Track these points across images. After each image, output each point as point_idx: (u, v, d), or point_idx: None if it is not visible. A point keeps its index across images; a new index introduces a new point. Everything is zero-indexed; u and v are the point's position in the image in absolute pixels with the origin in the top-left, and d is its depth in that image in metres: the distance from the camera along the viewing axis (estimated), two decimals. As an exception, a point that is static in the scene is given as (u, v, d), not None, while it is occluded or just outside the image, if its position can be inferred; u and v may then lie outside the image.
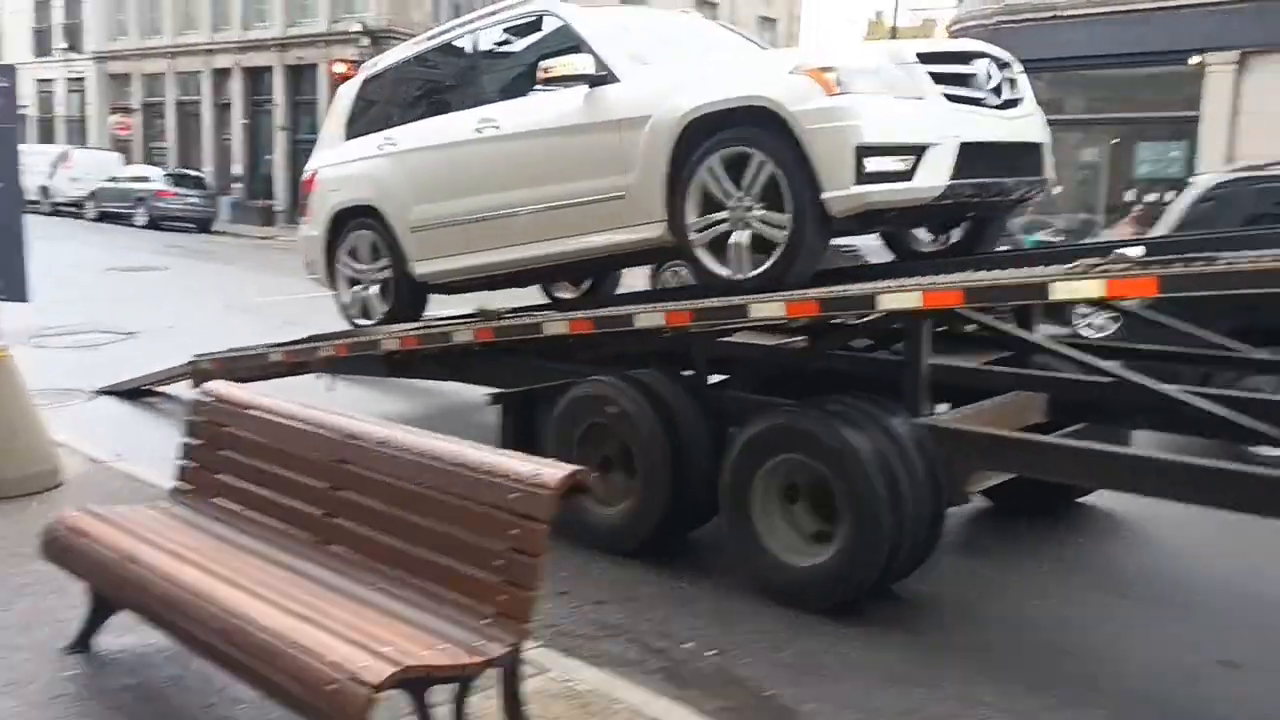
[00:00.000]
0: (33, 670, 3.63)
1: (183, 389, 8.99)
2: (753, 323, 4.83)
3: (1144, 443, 5.23)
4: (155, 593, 3.17)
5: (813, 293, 4.61)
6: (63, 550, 3.65)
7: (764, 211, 4.99)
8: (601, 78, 5.59)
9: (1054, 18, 18.10)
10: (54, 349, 11.39)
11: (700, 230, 5.23)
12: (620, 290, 8.37)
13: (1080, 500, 5.96)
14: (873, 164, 4.73)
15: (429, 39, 7.20)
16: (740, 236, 5.08)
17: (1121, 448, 4.56)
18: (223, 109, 36.76)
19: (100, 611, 3.77)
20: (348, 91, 7.73)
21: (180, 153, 37.96)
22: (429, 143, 6.66)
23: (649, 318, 4.85)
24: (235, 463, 3.89)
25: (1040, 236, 15.78)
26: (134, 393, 8.94)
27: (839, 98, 4.77)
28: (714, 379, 5.51)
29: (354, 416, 3.54)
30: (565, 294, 8.36)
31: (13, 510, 5.42)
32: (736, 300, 4.71)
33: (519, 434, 5.59)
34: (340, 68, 29.69)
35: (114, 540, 3.56)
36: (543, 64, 5.64)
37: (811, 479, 4.55)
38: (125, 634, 3.91)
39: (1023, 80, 5.61)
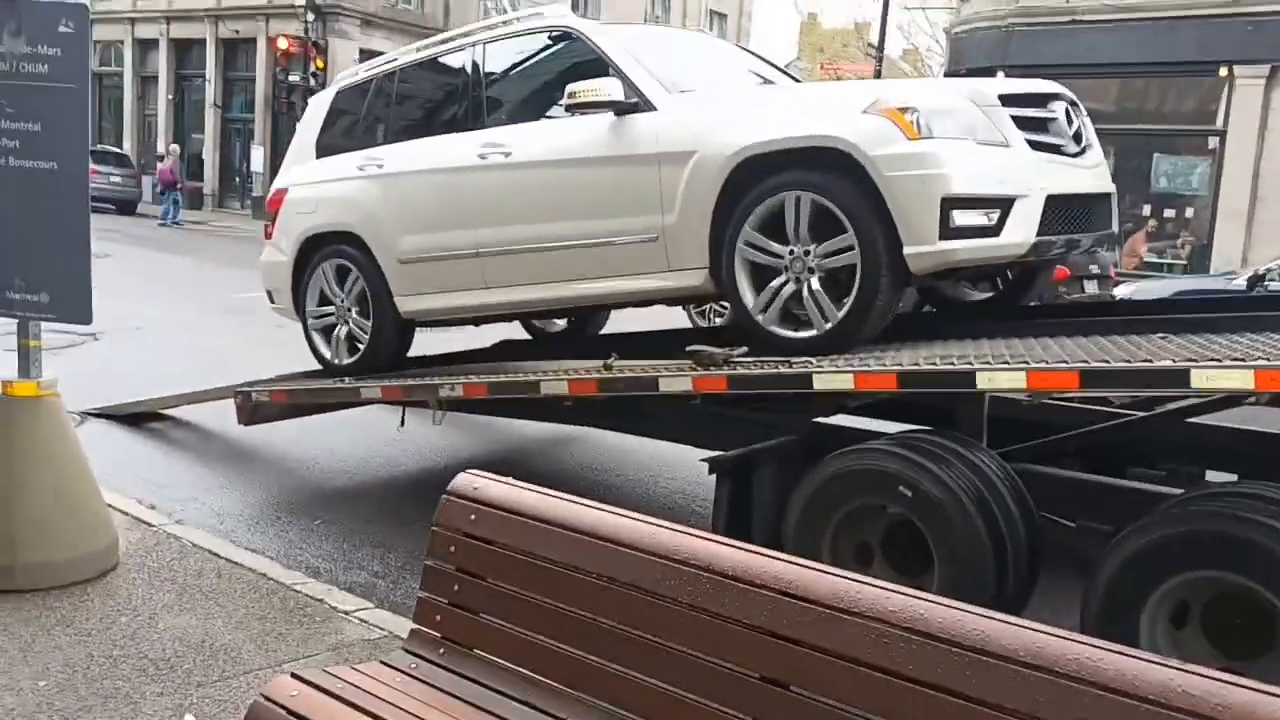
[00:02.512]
0: None
1: (188, 412, 7.56)
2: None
3: None
4: None
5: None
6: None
7: (825, 259, 4.44)
8: (633, 105, 4.98)
9: (1073, 22, 17.38)
10: (6, 351, 9.71)
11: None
12: (608, 325, 7.64)
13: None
14: (959, 218, 4.26)
15: (420, 50, 6.37)
16: (801, 289, 4.52)
17: None
18: (147, 82, 34.39)
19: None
20: (321, 102, 6.87)
21: (97, 128, 35.36)
22: (423, 166, 5.89)
23: (1002, 377, 3.65)
24: (517, 603, 2.58)
25: None
26: (129, 416, 7.44)
27: (922, 143, 4.29)
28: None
29: (774, 555, 2.27)
30: (547, 327, 7.63)
31: (69, 608, 3.98)
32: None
33: (734, 510, 4.37)
34: (284, 44, 27.83)
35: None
36: (570, 88, 4.98)
37: (1212, 597, 3.43)
38: None
39: (1089, 123, 5.11)
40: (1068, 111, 4.94)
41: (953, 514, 3.78)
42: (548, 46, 5.85)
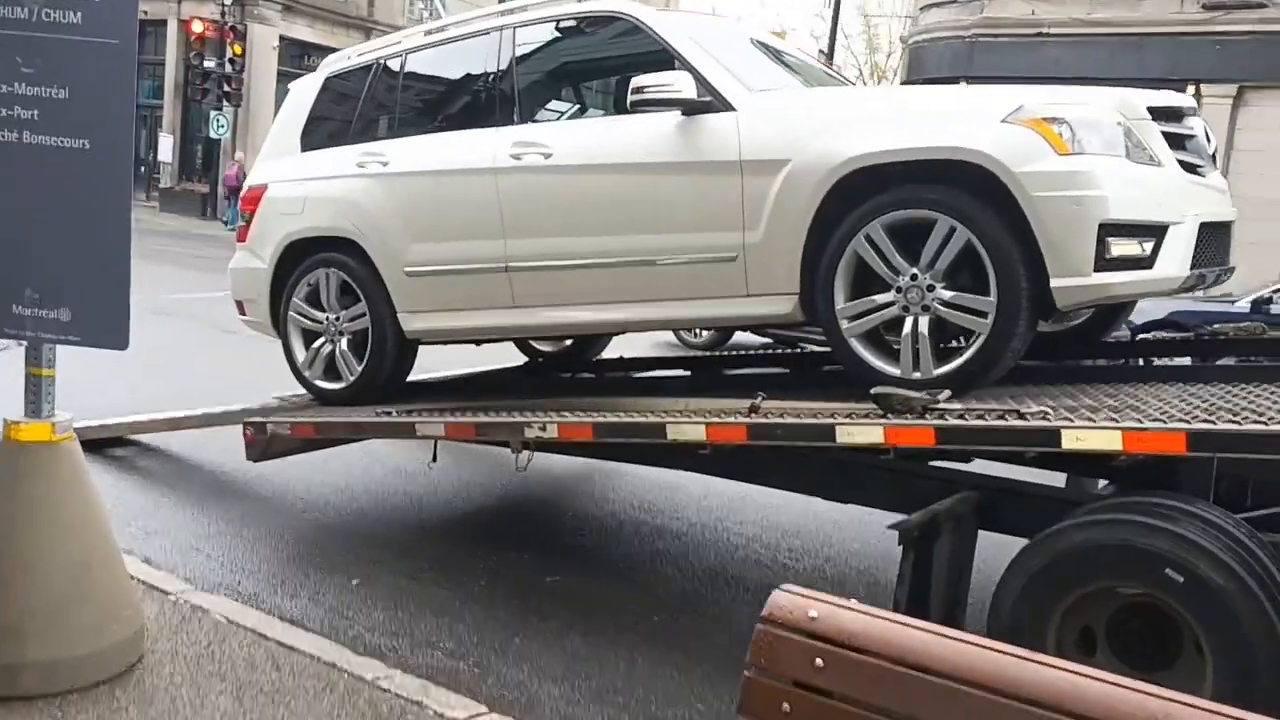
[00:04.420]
0: None
1: (154, 437, 6.52)
2: None
3: None
4: None
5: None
6: None
7: (949, 309, 3.85)
8: (706, 104, 4.33)
9: (1039, 34, 17.16)
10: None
11: (855, 317, 4.01)
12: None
13: None
14: (1116, 246, 3.73)
15: (430, 33, 5.64)
16: (919, 325, 3.88)
17: None
18: (41, 63, 32.19)
19: None
20: (305, 90, 6.02)
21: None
22: (440, 165, 5.15)
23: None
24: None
25: None
26: (94, 443, 6.34)
27: (1075, 159, 3.73)
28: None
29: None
30: (545, 347, 6.88)
31: (99, 727, 3.05)
32: None
33: (918, 582, 3.64)
34: (199, 27, 26.33)
35: None
36: (636, 81, 4.32)
37: None
38: None
39: None
40: (1205, 130, 4.49)
41: (1238, 604, 3.10)
42: (593, 34, 5.19)
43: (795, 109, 4.36)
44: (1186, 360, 5.36)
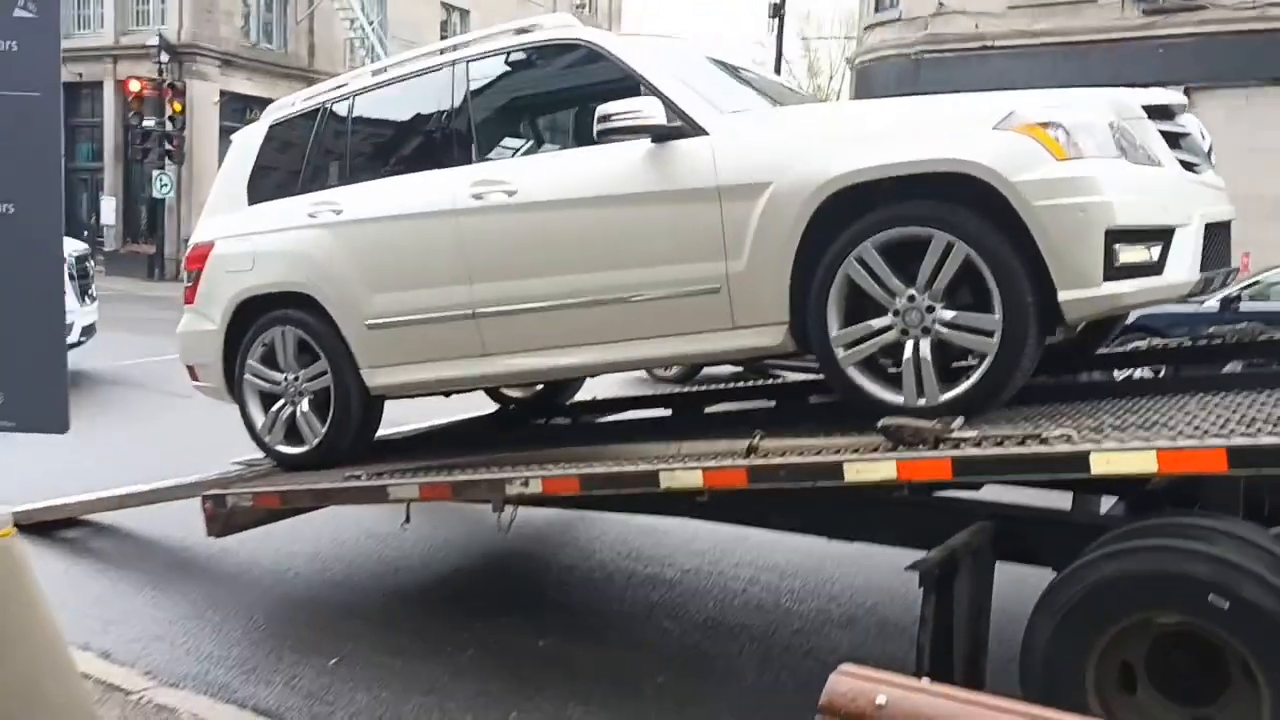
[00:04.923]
0: None
1: (105, 515, 6.13)
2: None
3: None
4: None
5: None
6: None
7: (952, 330, 3.62)
8: (676, 129, 4.10)
9: (984, 49, 17.24)
10: None
11: (851, 344, 3.77)
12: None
13: None
14: (1124, 254, 3.53)
15: (377, 73, 5.37)
16: (920, 348, 3.65)
17: None
18: (-24, 131, 31.58)
19: None
20: (249, 140, 5.75)
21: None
22: (396, 210, 4.89)
23: None
24: None
25: None
26: (37, 526, 5.94)
27: (1074, 164, 3.53)
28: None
29: None
30: (516, 392, 6.61)
31: None
32: None
33: (940, 624, 3.39)
34: (136, 86, 25.95)
35: None
36: (603, 110, 4.08)
37: None
38: None
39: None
40: (1200, 127, 4.32)
41: (1289, 633, 2.89)
42: (552, 64, 4.94)
43: (772, 129, 4.15)
44: (1180, 369, 5.22)
